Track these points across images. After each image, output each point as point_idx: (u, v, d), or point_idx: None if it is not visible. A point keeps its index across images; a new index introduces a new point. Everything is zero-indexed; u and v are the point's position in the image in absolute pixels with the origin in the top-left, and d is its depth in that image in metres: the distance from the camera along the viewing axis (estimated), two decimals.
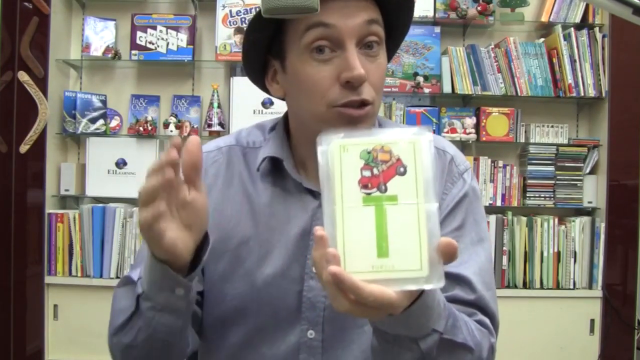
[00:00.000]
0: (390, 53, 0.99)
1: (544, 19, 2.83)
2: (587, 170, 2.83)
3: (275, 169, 0.96)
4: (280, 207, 0.95)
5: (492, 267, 0.98)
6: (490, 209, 2.81)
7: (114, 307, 0.88)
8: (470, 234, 0.95)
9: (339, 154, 0.64)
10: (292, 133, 0.99)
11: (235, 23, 2.77)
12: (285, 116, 1.01)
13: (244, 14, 2.77)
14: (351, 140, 0.64)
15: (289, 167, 0.94)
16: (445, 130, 2.79)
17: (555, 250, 2.74)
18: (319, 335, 0.93)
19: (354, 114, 0.86)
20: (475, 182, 1.00)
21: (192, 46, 2.82)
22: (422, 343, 0.74)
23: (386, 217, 0.63)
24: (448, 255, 0.62)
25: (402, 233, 0.62)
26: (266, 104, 2.72)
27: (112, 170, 2.82)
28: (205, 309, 0.99)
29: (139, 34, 2.81)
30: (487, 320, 0.91)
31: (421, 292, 0.66)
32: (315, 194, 0.94)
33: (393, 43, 0.98)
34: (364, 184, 0.63)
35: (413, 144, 0.64)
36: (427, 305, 0.69)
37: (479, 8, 2.77)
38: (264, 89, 0.99)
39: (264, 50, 0.94)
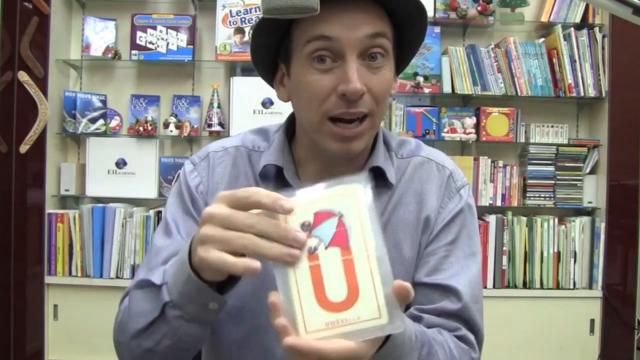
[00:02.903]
0: (403, 64, 0.98)
1: (544, 19, 2.83)
2: (587, 170, 2.83)
3: (276, 174, 0.97)
4: None
5: (482, 282, 1.00)
6: (490, 209, 2.82)
7: (132, 309, 0.84)
8: (463, 248, 0.96)
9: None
10: (297, 136, 0.99)
11: (235, 23, 2.77)
12: (289, 120, 1.01)
13: (244, 14, 2.77)
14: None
15: (288, 175, 0.95)
16: (445, 130, 2.79)
17: (555, 250, 2.74)
18: None
19: (346, 133, 0.86)
20: (471, 199, 1.01)
21: (192, 46, 2.82)
22: None
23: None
24: (402, 297, 0.62)
25: (356, 284, 0.62)
26: (266, 104, 2.72)
27: (112, 170, 2.82)
28: None
29: (139, 34, 2.81)
30: (470, 336, 0.91)
31: (388, 334, 0.66)
32: None
33: (404, 55, 0.97)
34: (312, 241, 0.63)
35: (354, 193, 0.64)
36: (396, 344, 0.69)
37: (479, 8, 2.77)
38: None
39: (274, 53, 0.94)
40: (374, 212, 0.63)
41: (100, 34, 2.85)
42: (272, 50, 0.93)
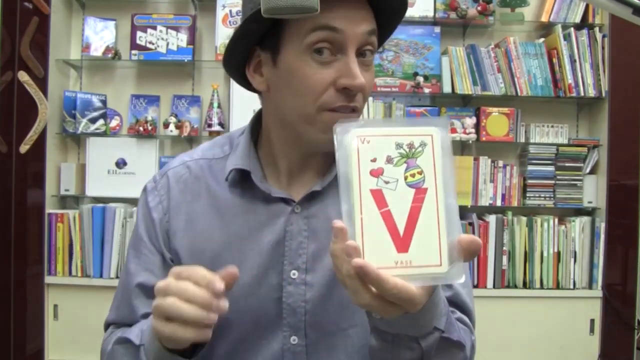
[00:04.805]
0: None
1: (544, 19, 2.83)
2: (587, 170, 2.83)
3: (243, 178, 0.95)
4: (251, 216, 0.94)
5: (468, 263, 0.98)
6: (490, 209, 2.82)
7: None
8: None
9: (357, 145, 0.62)
10: (266, 132, 0.97)
11: (235, 23, 2.77)
12: (254, 121, 1.00)
13: None
14: (369, 130, 0.62)
15: (256, 179, 0.93)
16: None
17: (555, 250, 2.74)
18: (302, 341, 0.92)
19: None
20: None
21: (192, 46, 2.82)
22: (423, 342, 0.73)
23: None
24: (470, 252, 0.61)
25: (422, 228, 0.61)
26: None
27: (112, 170, 2.82)
28: None
29: (139, 34, 2.81)
30: (465, 318, 0.91)
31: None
32: (287, 201, 0.93)
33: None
34: (383, 177, 0.62)
35: (431, 136, 0.63)
36: (435, 302, 0.69)
37: (479, 8, 2.77)
38: (239, 78, 0.97)
39: (256, 40, 0.92)
40: (449, 159, 0.62)
41: (100, 34, 2.85)
42: (256, 37, 0.91)
